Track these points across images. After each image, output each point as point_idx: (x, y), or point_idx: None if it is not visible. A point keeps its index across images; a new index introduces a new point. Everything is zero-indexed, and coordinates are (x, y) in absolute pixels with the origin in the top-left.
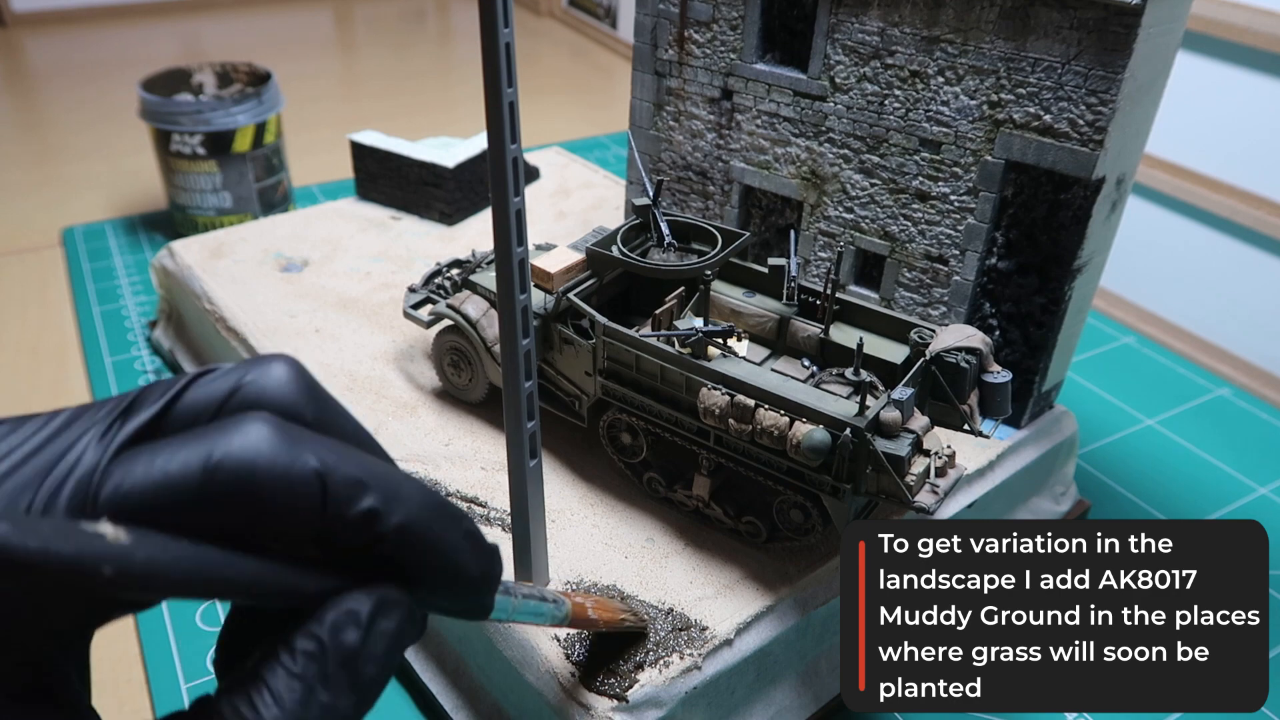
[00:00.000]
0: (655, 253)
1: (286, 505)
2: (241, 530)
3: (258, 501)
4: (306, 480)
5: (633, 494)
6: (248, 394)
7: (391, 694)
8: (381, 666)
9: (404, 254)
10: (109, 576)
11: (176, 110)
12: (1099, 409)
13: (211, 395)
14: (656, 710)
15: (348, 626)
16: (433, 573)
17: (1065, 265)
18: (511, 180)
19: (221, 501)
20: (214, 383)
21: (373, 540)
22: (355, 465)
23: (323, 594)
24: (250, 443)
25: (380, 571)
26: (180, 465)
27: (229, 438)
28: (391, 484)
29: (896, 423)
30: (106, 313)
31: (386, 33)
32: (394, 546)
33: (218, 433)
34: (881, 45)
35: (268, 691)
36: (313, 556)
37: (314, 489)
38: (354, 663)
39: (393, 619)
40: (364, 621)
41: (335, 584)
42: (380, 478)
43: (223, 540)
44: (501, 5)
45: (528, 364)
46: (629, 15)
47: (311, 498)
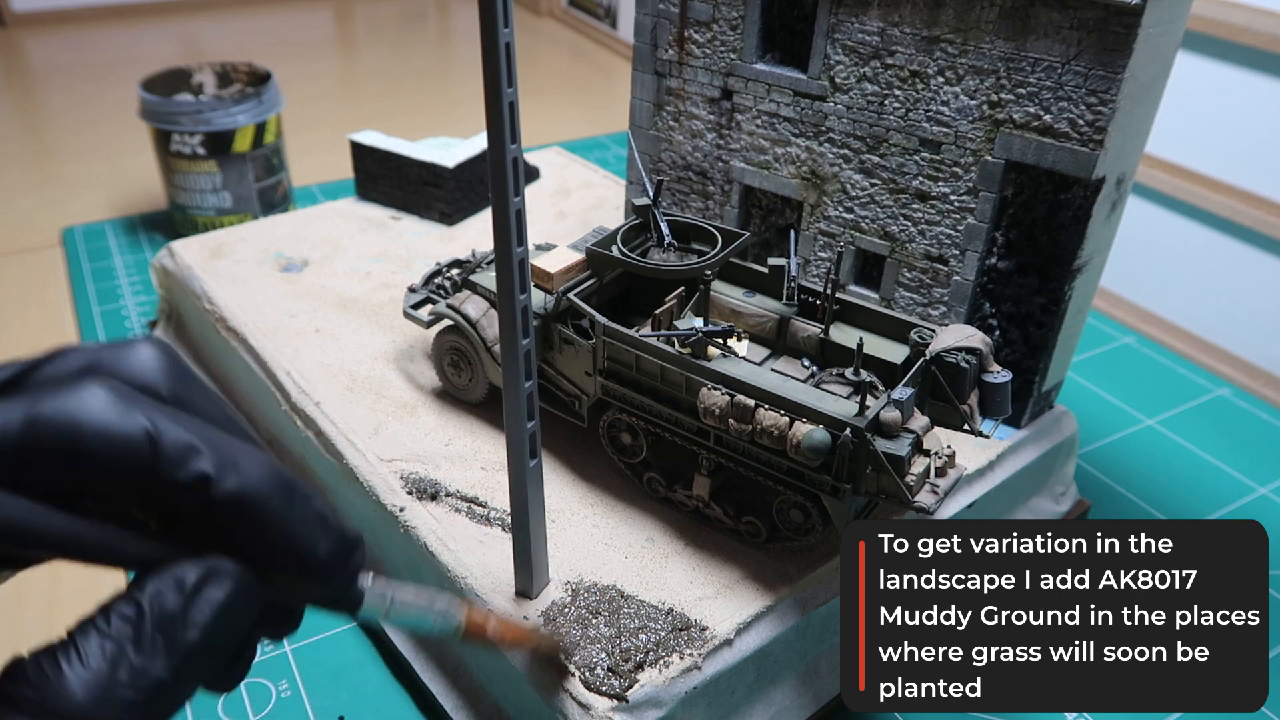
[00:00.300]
0: (655, 253)
1: (112, 462)
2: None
3: (80, 456)
4: (134, 439)
5: (633, 494)
6: (105, 368)
7: (391, 694)
8: (205, 634)
9: (404, 254)
10: None
11: (176, 110)
12: (1099, 409)
13: (68, 366)
14: (656, 710)
15: (169, 591)
16: (273, 549)
17: (1065, 265)
18: (511, 180)
19: (42, 454)
20: (73, 356)
21: (205, 506)
22: (192, 432)
23: (149, 560)
24: (80, 401)
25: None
26: (3, 418)
27: (60, 396)
28: (228, 452)
29: (896, 423)
30: (106, 313)
31: (386, 33)
32: (228, 516)
33: (50, 392)
34: (881, 45)
35: (75, 651)
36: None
37: (142, 448)
38: (171, 627)
39: (221, 588)
40: (188, 587)
41: (166, 552)
42: (217, 446)
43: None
44: (501, 5)
45: (528, 364)
46: (629, 15)
47: (139, 457)
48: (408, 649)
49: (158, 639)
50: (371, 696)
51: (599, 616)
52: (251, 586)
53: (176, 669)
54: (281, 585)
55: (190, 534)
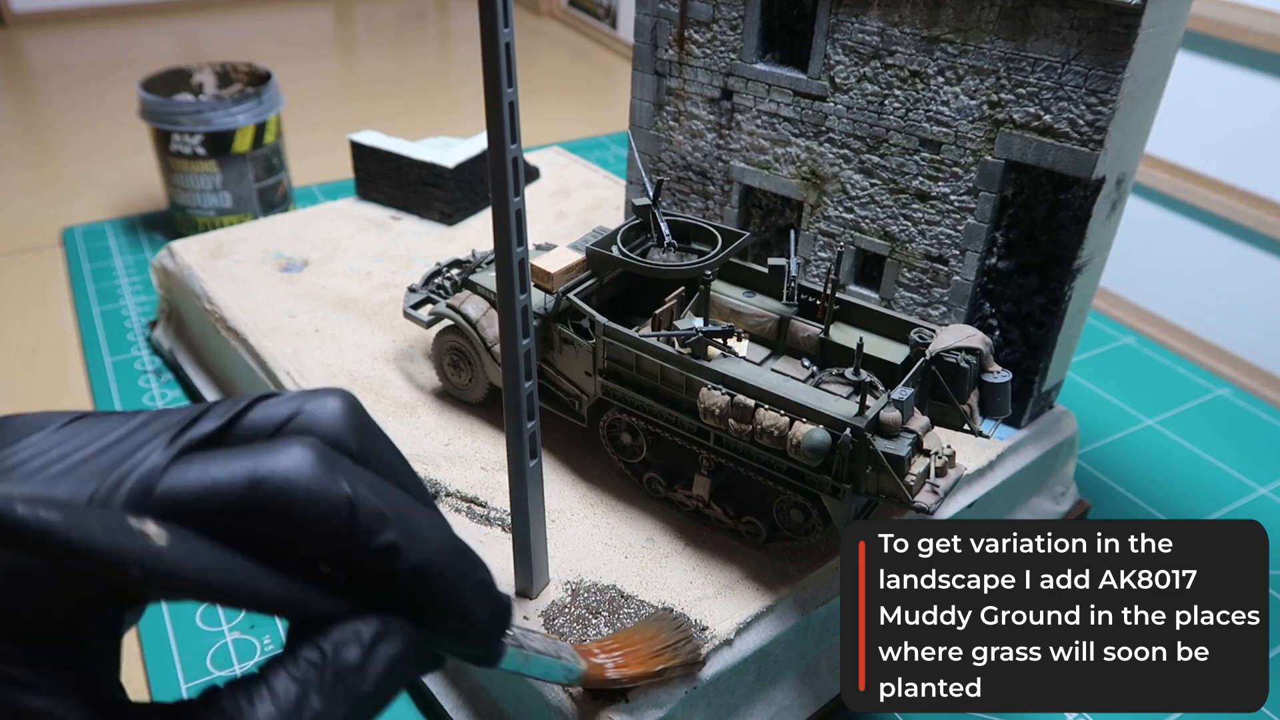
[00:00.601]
0: (655, 253)
1: (318, 525)
2: (276, 544)
3: (293, 518)
4: (338, 505)
5: (633, 494)
6: (303, 420)
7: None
8: (378, 686)
9: (404, 254)
10: (136, 575)
11: (176, 110)
12: (1099, 409)
13: (271, 417)
14: (656, 710)
15: (350, 644)
16: (441, 613)
17: (1065, 265)
18: (511, 180)
19: (261, 513)
20: (275, 406)
21: (390, 573)
22: (384, 500)
23: (333, 616)
24: (294, 464)
25: (396, 605)
26: (229, 475)
27: (276, 456)
28: (415, 524)
29: (896, 423)
30: (106, 313)
31: (386, 33)
32: (409, 582)
33: (267, 451)
34: (881, 45)
35: (266, 689)
36: (339, 582)
37: (344, 515)
38: (350, 678)
39: (394, 645)
40: (366, 641)
41: (347, 608)
42: (405, 515)
43: (257, 552)
44: (501, 5)
45: (528, 364)
46: (629, 15)
47: (341, 522)
48: None
49: (337, 687)
50: None
51: (599, 616)
52: (419, 644)
53: (348, 717)
54: (440, 641)
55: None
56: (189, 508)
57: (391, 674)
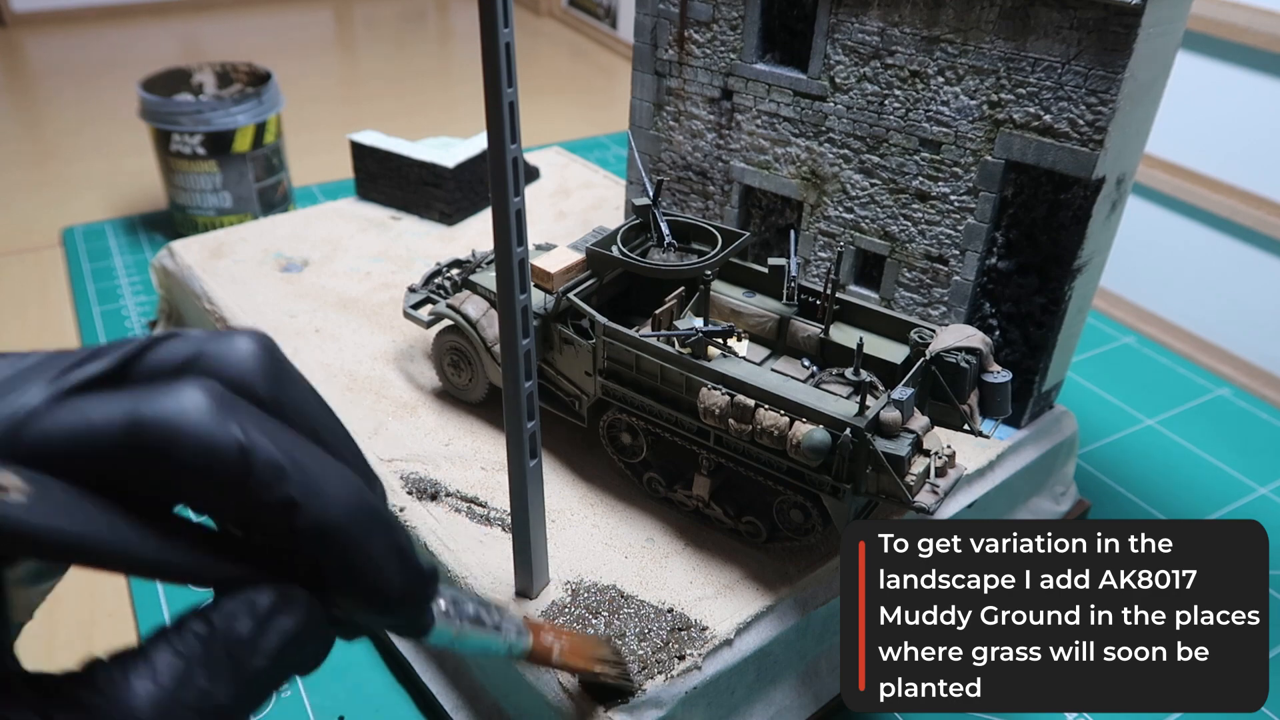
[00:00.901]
0: (655, 253)
1: (203, 474)
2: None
3: (175, 466)
4: (227, 453)
5: (633, 494)
6: (207, 362)
7: (391, 694)
8: (271, 662)
9: (404, 254)
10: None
11: (176, 110)
12: (1099, 409)
13: (172, 357)
14: (656, 710)
15: (242, 615)
16: (347, 580)
17: (1065, 265)
18: (511, 180)
19: (140, 460)
20: (176, 345)
21: (289, 533)
22: (283, 451)
23: (224, 583)
24: (181, 406)
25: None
26: (105, 416)
27: (163, 398)
28: (318, 479)
29: (896, 423)
30: (106, 313)
31: (386, 33)
32: (308, 543)
33: (155, 392)
34: (881, 45)
35: (145, 664)
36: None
37: (234, 464)
38: (240, 652)
39: (292, 617)
40: (260, 613)
41: (241, 575)
42: (306, 469)
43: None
44: (501, 5)
45: (528, 364)
46: (629, 15)
47: (230, 473)
48: (408, 649)
49: (225, 663)
50: (371, 696)
51: (599, 616)
52: (320, 618)
53: (238, 696)
54: (351, 610)
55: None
56: (60, 454)
57: (287, 649)
